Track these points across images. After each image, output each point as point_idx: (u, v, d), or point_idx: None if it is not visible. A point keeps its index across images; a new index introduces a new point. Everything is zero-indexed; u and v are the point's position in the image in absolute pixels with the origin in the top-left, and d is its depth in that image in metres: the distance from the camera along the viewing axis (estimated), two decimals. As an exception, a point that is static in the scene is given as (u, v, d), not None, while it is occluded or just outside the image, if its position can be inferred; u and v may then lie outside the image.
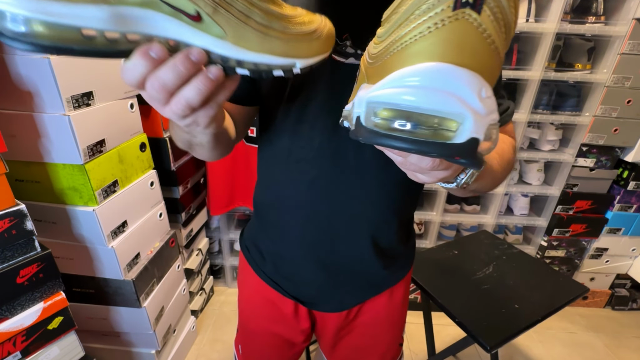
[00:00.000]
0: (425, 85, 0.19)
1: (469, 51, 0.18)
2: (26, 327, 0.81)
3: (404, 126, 0.19)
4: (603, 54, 1.42)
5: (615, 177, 1.61)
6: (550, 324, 1.72)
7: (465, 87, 0.19)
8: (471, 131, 0.19)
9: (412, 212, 0.69)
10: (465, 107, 0.19)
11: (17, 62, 0.78)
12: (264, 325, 0.71)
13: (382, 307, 0.69)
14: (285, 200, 0.59)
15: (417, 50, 0.19)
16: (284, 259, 0.64)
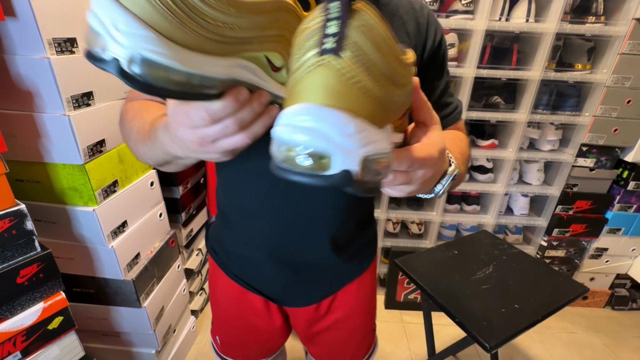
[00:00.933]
0: (296, 124, 0.21)
1: (333, 93, 0.20)
2: (26, 327, 0.81)
3: (299, 160, 0.22)
4: (603, 54, 1.42)
5: (615, 177, 1.61)
6: (550, 323, 1.72)
7: (328, 125, 0.20)
8: (341, 164, 0.21)
9: (370, 209, 0.70)
10: (329, 143, 0.21)
11: (17, 62, 0.78)
12: (239, 316, 0.73)
13: (353, 299, 0.71)
14: (246, 205, 0.60)
15: (299, 89, 0.22)
16: (249, 259, 0.65)
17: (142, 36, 0.21)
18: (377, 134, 0.23)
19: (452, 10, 1.36)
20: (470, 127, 1.65)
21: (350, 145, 0.21)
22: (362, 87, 0.21)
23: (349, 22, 0.20)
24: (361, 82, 0.21)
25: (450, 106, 0.61)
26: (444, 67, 0.59)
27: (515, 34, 1.44)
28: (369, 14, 0.21)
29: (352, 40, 0.21)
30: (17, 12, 0.73)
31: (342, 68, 0.20)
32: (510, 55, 1.44)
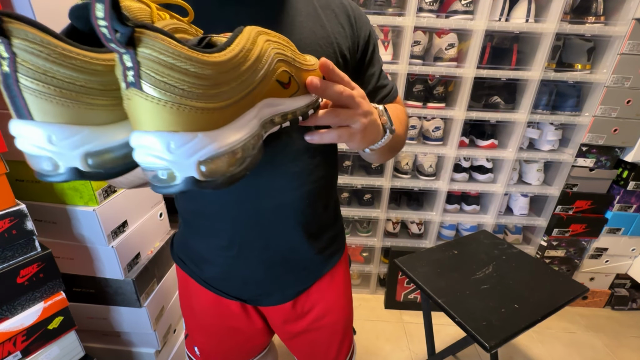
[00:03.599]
0: (136, 150, 0.24)
1: (150, 119, 0.22)
2: (26, 327, 0.81)
3: (159, 175, 0.25)
4: (603, 54, 1.42)
5: (615, 177, 1.61)
6: (550, 323, 1.72)
7: (153, 147, 0.23)
8: (182, 174, 0.24)
9: (334, 194, 0.71)
10: (163, 161, 0.23)
11: (17, 63, 0.78)
12: (218, 322, 0.71)
13: (328, 293, 0.71)
14: (207, 205, 0.59)
15: (129, 117, 0.24)
16: (219, 262, 0.64)
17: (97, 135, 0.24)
18: (206, 138, 0.25)
19: (452, 10, 1.36)
20: (470, 127, 1.65)
21: (179, 157, 0.24)
22: (172, 106, 0.23)
23: (137, 52, 0.21)
24: (168, 102, 0.23)
25: (387, 87, 0.67)
26: (375, 55, 0.65)
27: (515, 34, 1.45)
28: (153, 39, 0.22)
29: (147, 70, 0.22)
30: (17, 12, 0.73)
31: (147, 97, 0.22)
32: (510, 55, 1.44)
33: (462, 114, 1.46)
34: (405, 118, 0.64)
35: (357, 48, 0.60)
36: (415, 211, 1.74)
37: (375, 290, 1.91)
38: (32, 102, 0.21)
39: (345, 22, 0.58)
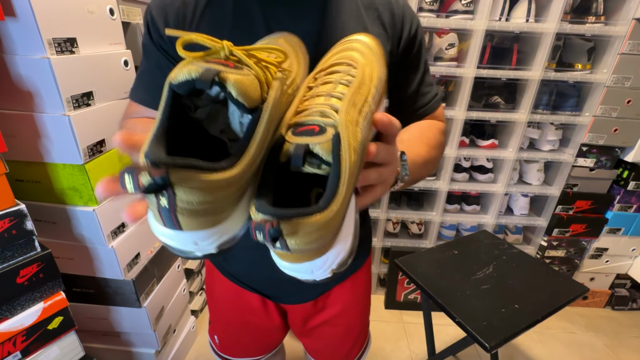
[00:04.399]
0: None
1: (182, 219, 0.24)
2: (26, 327, 0.81)
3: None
4: (603, 54, 1.42)
5: (615, 177, 1.61)
6: (550, 324, 1.72)
7: (184, 244, 0.26)
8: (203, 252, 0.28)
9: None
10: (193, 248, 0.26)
11: (17, 62, 0.78)
12: (236, 315, 0.73)
13: (348, 295, 0.71)
14: None
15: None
16: (245, 259, 0.65)
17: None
18: (220, 230, 0.27)
19: (452, 10, 1.36)
20: (470, 127, 1.65)
21: (204, 248, 0.27)
22: (199, 222, 0.25)
23: (173, 198, 0.22)
24: (192, 205, 0.24)
25: (428, 95, 0.61)
26: (421, 58, 0.59)
27: (515, 34, 1.44)
28: (187, 180, 0.22)
29: (181, 209, 0.23)
30: (17, 12, 0.73)
31: (171, 201, 0.23)
32: (510, 55, 1.44)
33: (463, 114, 1.46)
34: (437, 140, 0.56)
35: (397, 49, 0.56)
36: (415, 211, 1.74)
37: (376, 290, 1.91)
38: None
39: (389, 21, 0.54)
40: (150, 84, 0.55)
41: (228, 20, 0.50)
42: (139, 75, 0.57)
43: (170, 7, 0.51)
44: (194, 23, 0.51)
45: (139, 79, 0.57)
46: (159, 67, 0.54)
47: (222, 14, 0.50)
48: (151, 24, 0.53)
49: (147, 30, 0.53)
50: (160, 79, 0.52)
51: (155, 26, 0.52)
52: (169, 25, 0.51)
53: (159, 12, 0.52)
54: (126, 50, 1.01)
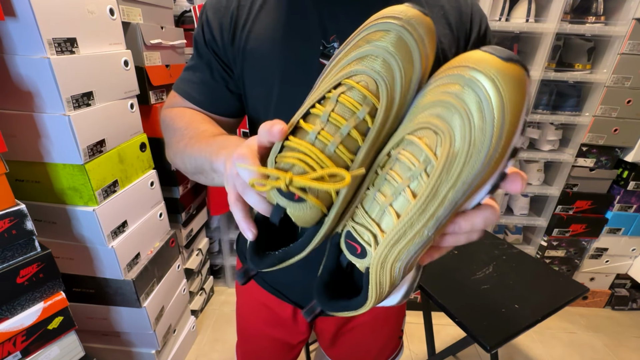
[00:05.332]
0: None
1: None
2: (26, 327, 0.81)
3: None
4: (603, 54, 1.42)
5: (615, 177, 1.61)
6: (550, 324, 1.72)
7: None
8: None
9: None
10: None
11: (17, 62, 0.78)
12: (261, 329, 0.72)
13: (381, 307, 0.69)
14: None
15: None
16: (286, 270, 0.63)
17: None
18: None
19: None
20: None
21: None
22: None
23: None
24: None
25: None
26: None
27: (515, 34, 1.44)
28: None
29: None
30: (17, 12, 0.73)
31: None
32: (510, 55, 1.44)
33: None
34: None
35: (464, 48, 0.52)
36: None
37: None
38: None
39: (456, 20, 0.50)
40: (196, 81, 0.56)
41: (282, 21, 0.50)
42: (187, 68, 0.58)
43: (226, 10, 0.52)
44: (247, 25, 0.51)
45: (187, 73, 0.58)
46: (208, 66, 0.55)
47: (276, 15, 0.50)
48: (206, 24, 0.53)
49: (202, 29, 0.54)
50: (207, 78, 0.56)
51: (209, 27, 0.53)
52: (223, 28, 0.52)
53: (214, 13, 0.52)
54: (126, 50, 1.01)
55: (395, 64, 0.29)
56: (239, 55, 0.52)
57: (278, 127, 0.29)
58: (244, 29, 0.51)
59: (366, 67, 0.30)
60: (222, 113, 0.58)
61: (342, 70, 0.31)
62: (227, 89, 0.56)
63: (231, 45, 0.52)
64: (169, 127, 0.55)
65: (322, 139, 0.29)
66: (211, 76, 0.55)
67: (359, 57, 0.30)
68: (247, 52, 0.51)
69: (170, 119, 0.55)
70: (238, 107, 0.59)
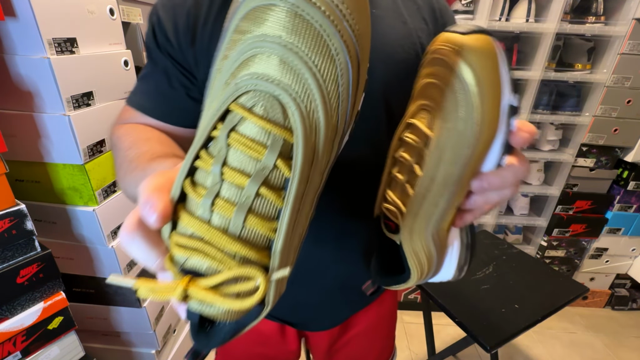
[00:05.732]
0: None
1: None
2: (26, 327, 0.81)
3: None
4: (603, 54, 1.42)
5: (615, 177, 1.61)
6: (550, 324, 1.72)
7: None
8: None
9: None
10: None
11: (17, 62, 0.78)
12: (246, 349, 0.68)
13: (373, 316, 0.68)
14: None
15: None
16: None
17: None
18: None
19: (452, 10, 1.36)
20: (470, 127, 1.65)
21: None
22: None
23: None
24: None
25: None
26: None
27: (516, 34, 1.44)
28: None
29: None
30: (17, 12, 0.73)
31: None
32: (510, 55, 1.44)
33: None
34: None
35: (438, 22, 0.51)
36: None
37: (376, 290, 1.91)
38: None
39: (429, 16, 0.50)
40: (153, 91, 0.50)
41: None
42: (141, 79, 0.52)
43: (181, 8, 0.45)
44: (209, 23, 0.45)
45: (141, 84, 0.51)
46: (164, 73, 0.48)
47: None
48: (158, 26, 0.46)
49: (152, 32, 0.47)
50: (164, 86, 0.49)
51: (162, 29, 0.46)
52: (179, 28, 0.45)
53: (166, 13, 0.46)
54: (126, 50, 1.01)
55: (301, 64, 0.19)
56: (202, 58, 0.46)
57: (152, 216, 0.21)
58: (205, 27, 0.45)
59: (256, 77, 0.19)
60: (184, 124, 0.50)
61: (225, 86, 0.21)
62: (189, 97, 0.49)
63: (191, 47, 0.46)
64: (115, 147, 0.48)
65: (221, 211, 0.20)
66: (169, 84, 0.48)
67: (243, 60, 0.20)
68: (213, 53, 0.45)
69: (117, 138, 0.48)
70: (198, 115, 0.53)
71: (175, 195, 0.22)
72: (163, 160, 0.39)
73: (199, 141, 0.22)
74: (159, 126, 0.50)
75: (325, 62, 0.20)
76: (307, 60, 0.19)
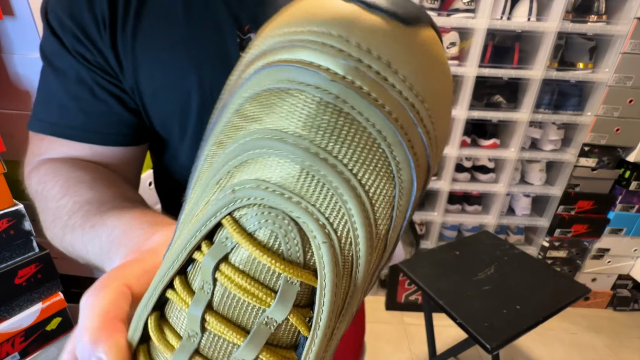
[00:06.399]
0: None
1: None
2: (25, 328, 0.81)
3: None
4: (605, 53, 1.41)
5: (617, 177, 1.60)
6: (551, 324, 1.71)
7: None
8: None
9: None
10: None
11: (15, 62, 0.77)
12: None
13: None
14: None
15: None
16: None
17: None
18: None
19: (454, 9, 1.35)
20: (471, 126, 1.64)
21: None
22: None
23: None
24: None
25: None
26: None
27: (517, 33, 1.44)
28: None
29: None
30: (16, 11, 0.73)
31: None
32: (511, 54, 1.43)
33: (464, 113, 1.46)
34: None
35: None
36: (416, 211, 1.73)
37: (376, 291, 1.91)
38: None
39: None
40: (72, 109, 0.38)
41: (179, 13, 0.38)
42: (46, 96, 0.39)
43: (88, 5, 0.36)
44: (128, 25, 0.37)
45: (47, 103, 0.39)
46: (82, 83, 0.38)
47: (169, 6, 0.38)
48: (58, 25, 0.36)
49: (52, 33, 0.37)
50: (89, 101, 0.38)
51: (65, 27, 0.36)
52: (90, 31, 0.36)
53: (66, 12, 0.36)
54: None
55: (337, 180, 0.13)
56: (127, 63, 0.38)
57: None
58: (125, 29, 0.37)
59: (264, 188, 0.13)
60: (124, 143, 0.41)
61: (217, 187, 0.15)
62: (124, 108, 0.40)
63: (112, 50, 0.37)
64: (38, 196, 0.37)
65: None
66: (92, 96, 0.38)
67: (245, 160, 0.14)
68: (139, 58, 0.38)
69: (38, 184, 0.37)
70: (140, 129, 0.43)
71: (134, 338, 0.16)
72: (118, 213, 0.30)
73: (172, 260, 0.15)
74: (89, 154, 0.40)
75: (379, 180, 0.13)
76: (350, 177, 0.13)
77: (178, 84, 0.39)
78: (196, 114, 0.41)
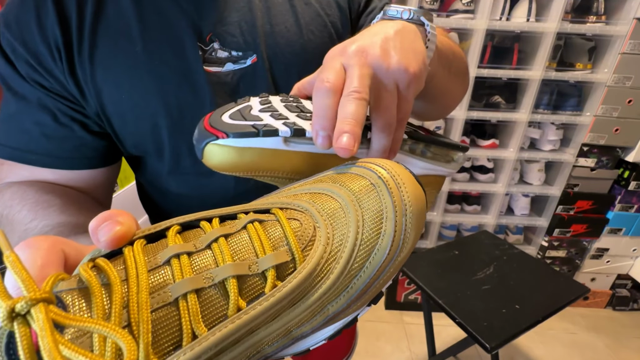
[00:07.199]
0: None
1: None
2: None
3: None
4: (604, 54, 1.41)
5: (616, 177, 1.61)
6: (551, 324, 1.71)
7: None
8: None
9: None
10: None
11: None
12: None
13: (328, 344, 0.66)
14: None
15: None
16: None
17: None
18: None
19: (453, 9, 1.36)
20: (471, 126, 1.65)
21: None
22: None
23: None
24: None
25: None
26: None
27: (516, 34, 1.44)
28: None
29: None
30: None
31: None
32: (511, 54, 1.43)
33: (463, 114, 1.46)
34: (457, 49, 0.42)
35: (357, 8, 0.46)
36: (415, 211, 1.73)
37: (376, 290, 1.91)
38: None
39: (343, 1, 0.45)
40: (35, 134, 0.37)
41: (135, 31, 0.36)
42: (6, 120, 0.38)
43: (39, 30, 0.35)
44: (84, 48, 0.36)
45: (8, 128, 0.38)
46: (44, 109, 0.37)
47: (125, 24, 0.36)
48: (12, 52, 0.35)
49: (6, 60, 0.36)
50: (51, 126, 0.37)
51: (18, 54, 0.35)
52: (43, 59, 0.35)
53: (18, 34, 0.35)
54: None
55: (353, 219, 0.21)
56: (89, 89, 0.37)
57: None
58: (81, 53, 0.36)
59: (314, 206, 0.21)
60: (86, 166, 0.41)
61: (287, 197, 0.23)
62: (87, 132, 0.39)
63: (71, 77, 0.36)
64: (3, 218, 0.37)
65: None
66: (54, 121, 0.38)
67: (312, 192, 0.23)
68: (100, 83, 0.37)
69: (3, 207, 0.37)
70: (106, 151, 0.42)
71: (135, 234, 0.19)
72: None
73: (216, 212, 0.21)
74: (52, 178, 0.39)
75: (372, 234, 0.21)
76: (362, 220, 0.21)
77: (144, 105, 0.38)
78: (168, 133, 0.40)
